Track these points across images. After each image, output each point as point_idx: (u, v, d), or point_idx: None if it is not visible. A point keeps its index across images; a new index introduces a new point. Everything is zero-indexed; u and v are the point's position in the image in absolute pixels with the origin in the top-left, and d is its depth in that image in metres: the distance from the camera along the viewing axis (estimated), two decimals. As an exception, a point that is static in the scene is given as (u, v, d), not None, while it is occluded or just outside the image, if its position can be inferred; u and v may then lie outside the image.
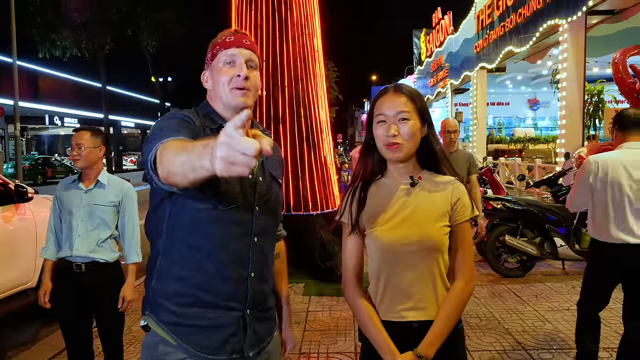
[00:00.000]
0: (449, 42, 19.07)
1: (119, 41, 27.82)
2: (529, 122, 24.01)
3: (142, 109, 41.44)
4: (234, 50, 1.48)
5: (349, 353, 3.61)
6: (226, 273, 1.41)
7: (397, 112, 1.53)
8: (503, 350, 3.65)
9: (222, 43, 1.50)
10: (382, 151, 1.57)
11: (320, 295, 4.96)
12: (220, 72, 1.48)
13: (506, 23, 12.54)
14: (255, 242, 1.47)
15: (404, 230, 1.54)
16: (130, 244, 2.86)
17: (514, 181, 12.58)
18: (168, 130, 1.27)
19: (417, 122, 1.55)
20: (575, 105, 9.73)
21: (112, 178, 2.87)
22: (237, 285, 1.43)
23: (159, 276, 1.45)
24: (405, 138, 1.52)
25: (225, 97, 1.47)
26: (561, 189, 6.11)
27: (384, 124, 1.55)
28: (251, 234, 1.46)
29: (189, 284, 1.40)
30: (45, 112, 30.41)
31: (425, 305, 1.56)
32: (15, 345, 4.10)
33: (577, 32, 9.58)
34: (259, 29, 5.73)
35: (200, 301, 1.40)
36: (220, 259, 1.40)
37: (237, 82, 1.46)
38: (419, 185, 1.59)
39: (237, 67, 1.47)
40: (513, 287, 5.22)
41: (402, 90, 1.58)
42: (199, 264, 1.40)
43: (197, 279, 1.40)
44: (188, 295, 1.40)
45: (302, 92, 5.83)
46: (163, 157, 1.12)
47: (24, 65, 25.30)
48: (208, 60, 1.53)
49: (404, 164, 1.60)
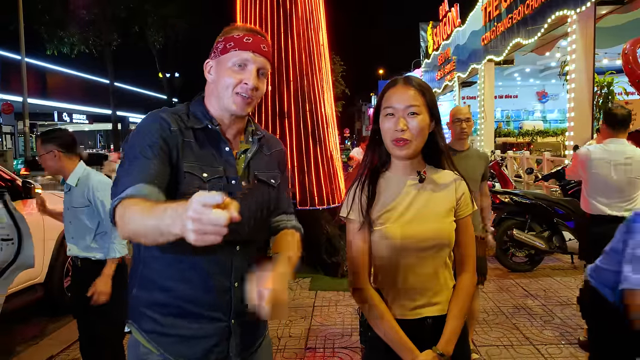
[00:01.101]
0: (456, 34, 18.91)
1: (126, 38, 27.91)
2: (538, 114, 23.79)
3: (149, 104, 41.51)
4: (249, 55, 1.38)
5: (355, 348, 3.61)
6: (209, 283, 1.38)
7: (407, 105, 1.48)
8: (510, 345, 3.63)
9: (239, 41, 1.39)
10: (388, 147, 1.53)
11: (327, 290, 4.96)
12: (228, 72, 1.39)
13: (514, 15, 12.40)
14: (237, 250, 1.42)
15: (417, 227, 1.51)
16: (110, 238, 2.76)
17: (522, 175, 12.47)
18: (136, 165, 1.26)
19: (427, 117, 1.50)
20: (584, 98, 9.61)
21: (83, 177, 2.76)
22: (220, 296, 1.39)
23: (140, 284, 1.42)
24: (413, 134, 1.48)
25: (226, 100, 1.40)
26: (570, 182, 6.05)
27: (392, 117, 1.50)
28: (233, 242, 1.40)
29: (172, 294, 1.37)
30: (54, 109, 30.60)
31: (438, 300, 1.55)
32: (24, 340, 4.14)
33: (586, 23, 9.44)
34: (264, 23, 5.71)
35: (184, 312, 1.37)
36: (204, 269, 1.37)
37: (243, 90, 1.38)
38: (425, 181, 1.57)
39: (247, 74, 1.38)
40: (521, 282, 5.18)
41: (412, 82, 1.53)
42: (183, 274, 1.37)
43: (181, 289, 1.37)
44: (172, 306, 1.37)
45: (308, 86, 5.80)
46: (125, 218, 1.13)
47: (33, 62, 25.43)
48: (217, 50, 1.43)
49: (411, 160, 1.56)
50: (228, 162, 1.42)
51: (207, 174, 1.36)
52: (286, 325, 4.07)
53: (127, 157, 1.31)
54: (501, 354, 3.48)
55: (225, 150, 1.43)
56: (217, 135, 1.43)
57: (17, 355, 3.81)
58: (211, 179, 1.37)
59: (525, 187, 11.57)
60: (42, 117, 31.62)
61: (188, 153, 1.35)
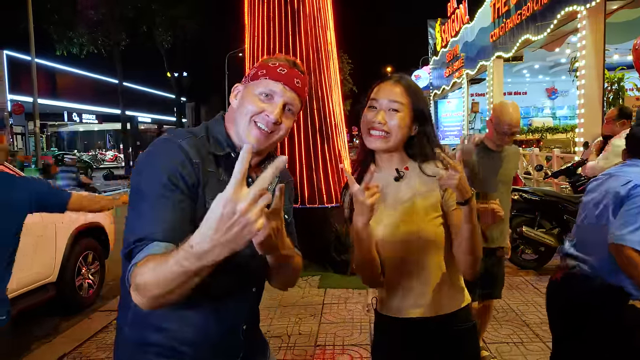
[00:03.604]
0: (465, 31, 18.82)
1: (135, 38, 28.05)
2: (547, 111, 23.57)
3: (158, 104, 41.75)
4: (279, 87, 1.27)
5: (364, 345, 3.61)
6: (218, 327, 1.28)
7: (390, 100, 1.47)
8: (520, 342, 3.62)
9: (272, 71, 1.28)
10: (364, 137, 1.52)
11: (336, 287, 4.97)
12: (252, 100, 1.27)
13: (523, 11, 12.31)
14: (254, 292, 1.36)
15: (394, 227, 1.50)
16: None
17: (531, 172, 12.41)
18: (152, 208, 1.12)
19: (407, 118, 1.48)
20: (594, 94, 9.53)
21: None
22: (227, 340, 1.30)
23: (133, 322, 1.27)
24: (391, 130, 1.46)
25: (242, 128, 1.27)
26: (580, 179, 6.00)
27: (374, 110, 1.49)
28: (249, 282, 1.33)
29: (167, 335, 1.24)
30: (63, 109, 30.84)
31: (422, 302, 1.51)
32: (37, 339, 4.19)
33: (597, 18, 9.36)
34: (272, 22, 5.72)
35: (178, 354, 1.25)
36: (214, 312, 1.26)
37: (263, 121, 1.26)
38: (406, 177, 1.53)
39: (272, 106, 1.26)
40: (530, 279, 5.16)
41: (402, 81, 1.51)
42: (186, 317, 1.24)
43: (179, 332, 1.24)
44: (165, 347, 1.24)
45: (316, 84, 5.80)
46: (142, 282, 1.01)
47: (42, 63, 25.62)
48: (249, 76, 1.33)
49: (388, 155, 1.54)
50: None
51: None
52: (296, 322, 4.08)
53: (141, 193, 1.16)
54: (511, 351, 3.48)
55: (249, 182, 1.30)
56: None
57: (30, 353, 3.85)
58: None
59: (535, 184, 11.51)
60: (52, 117, 31.92)
61: (212, 186, 1.21)
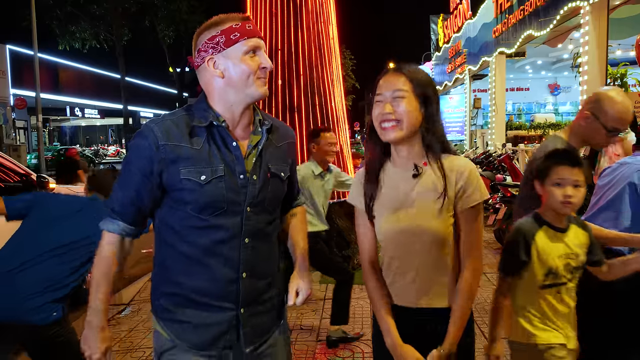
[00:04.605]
0: (467, 27, 18.74)
1: (137, 33, 28.06)
2: (550, 107, 23.51)
3: (160, 99, 41.84)
4: (257, 41, 1.45)
5: (366, 340, 3.63)
6: (216, 276, 1.44)
7: (393, 90, 1.48)
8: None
9: (242, 30, 1.42)
10: (379, 133, 1.53)
11: (337, 283, 4.97)
12: (243, 61, 1.42)
13: (526, 6, 12.26)
14: (246, 242, 1.46)
15: (404, 223, 1.51)
16: None
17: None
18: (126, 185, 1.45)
19: (414, 101, 1.48)
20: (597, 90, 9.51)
21: None
22: (227, 287, 1.46)
23: (156, 280, 1.54)
24: (401, 116, 1.47)
25: (250, 88, 1.44)
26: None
27: (380, 104, 1.51)
28: (241, 235, 1.46)
29: (182, 287, 1.46)
30: (66, 104, 30.88)
31: (432, 294, 1.55)
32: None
33: (600, 14, 9.32)
34: (274, 17, 5.72)
35: (193, 303, 1.46)
36: (209, 264, 1.44)
37: (263, 73, 1.46)
38: (424, 174, 1.52)
39: (262, 58, 1.45)
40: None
41: (402, 70, 1.52)
42: (190, 269, 1.44)
43: (189, 283, 1.45)
44: (182, 297, 1.46)
45: (318, 80, 5.81)
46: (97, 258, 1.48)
47: (45, 58, 25.68)
48: (217, 45, 1.42)
49: (405, 147, 1.53)
50: (236, 158, 1.44)
51: (205, 176, 1.39)
52: (297, 318, 4.10)
53: (122, 171, 1.47)
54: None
55: (233, 146, 1.45)
56: (223, 132, 1.45)
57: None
58: (211, 179, 1.39)
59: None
60: (54, 112, 31.99)
61: (183, 159, 1.39)
